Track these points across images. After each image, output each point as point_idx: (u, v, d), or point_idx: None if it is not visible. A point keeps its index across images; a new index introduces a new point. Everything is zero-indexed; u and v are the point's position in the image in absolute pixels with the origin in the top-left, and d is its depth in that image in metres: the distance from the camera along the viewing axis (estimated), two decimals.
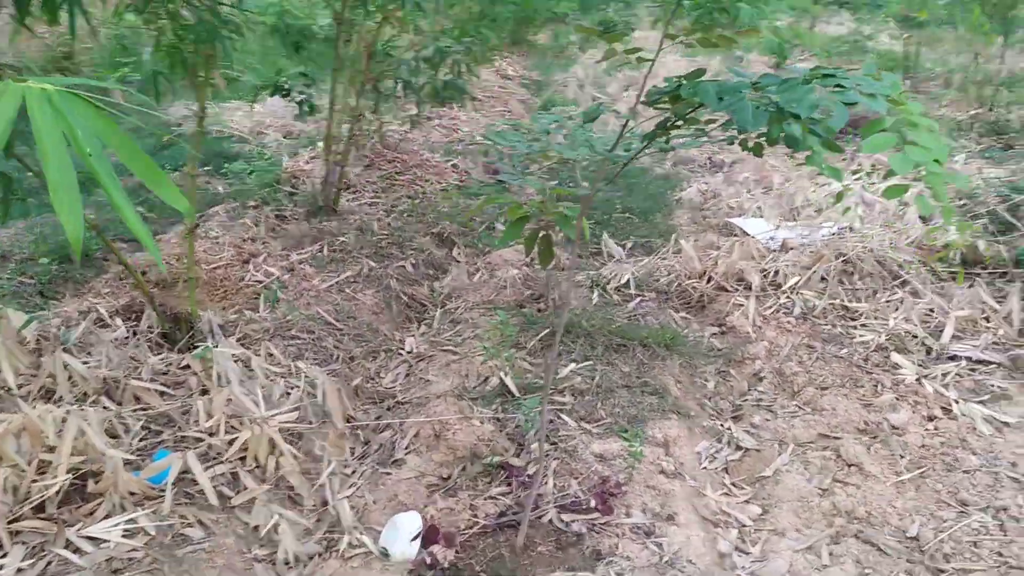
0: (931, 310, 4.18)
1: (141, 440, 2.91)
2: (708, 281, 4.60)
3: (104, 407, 2.96)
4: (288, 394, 3.28)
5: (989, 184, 5.53)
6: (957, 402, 3.40)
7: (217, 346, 3.42)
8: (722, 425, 3.42)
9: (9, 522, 2.40)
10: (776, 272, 4.59)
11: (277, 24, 5.50)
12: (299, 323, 3.93)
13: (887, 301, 4.31)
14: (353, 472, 3.09)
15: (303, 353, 3.72)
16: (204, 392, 3.17)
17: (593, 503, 2.83)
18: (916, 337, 3.97)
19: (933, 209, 1.59)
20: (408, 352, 4.03)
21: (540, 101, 10.17)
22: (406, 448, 3.17)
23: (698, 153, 7.51)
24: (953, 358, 3.83)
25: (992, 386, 3.58)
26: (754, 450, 3.22)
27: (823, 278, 4.51)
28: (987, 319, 4.12)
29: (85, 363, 3.10)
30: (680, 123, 1.90)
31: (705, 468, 3.14)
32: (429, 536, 2.69)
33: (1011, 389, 3.56)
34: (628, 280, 4.66)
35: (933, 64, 13.58)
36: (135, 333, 3.57)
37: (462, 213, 5.65)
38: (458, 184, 6.47)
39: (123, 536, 2.44)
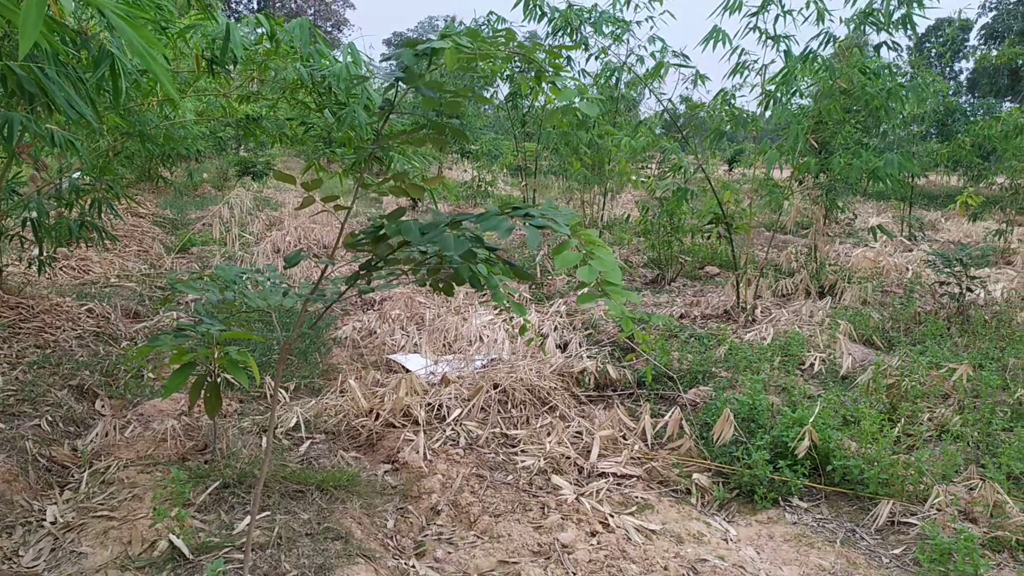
0: (579, 432, 4.61)
1: None
2: (376, 419, 4.66)
3: None
4: None
5: (607, 316, 6.30)
6: (612, 516, 3.75)
7: None
8: (406, 563, 3.43)
9: None
10: (440, 405, 4.79)
11: None
12: None
13: (540, 426, 4.67)
14: None
15: None
16: None
17: None
18: (569, 458, 4.34)
19: (625, 320, 1.81)
20: (52, 523, 3.56)
21: (179, 241, 9.78)
22: None
23: (350, 292, 7.67)
24: (602, 475, 4.24)
25: (637, 498, 4.01)
26: None
27: (483, 408, 4.79)
28: (624, 437, 4.62)
29: None
30: (381, 264, 1.99)
31: None
32: None
33: (651, 499, 4.01)
34: (296, 423, 4.58)
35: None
36: None
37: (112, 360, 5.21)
38: (96, 331, 5.96)
39: None
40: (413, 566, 3.39)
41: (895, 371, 5.33)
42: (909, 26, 6.83)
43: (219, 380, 3.56)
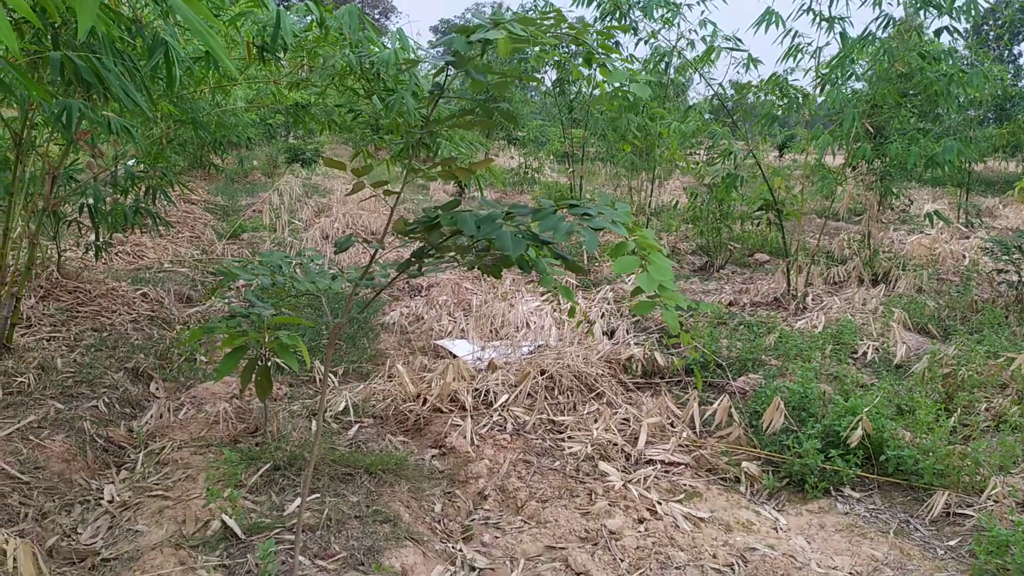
0: (626, 419, 4.59)
1: None
2: (424, 403, 4.69)
3: None
4: None
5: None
6: (660, 503, 3.73)
7: None
8: (454, 547, 3.45)
9: None
10: (487, 391, 4.80)
11: None
12: None
13: (587, 413, 4.66)
14: None
15: None
16: None
17: None
18: (616, 445, 4.32)
19: (673, 323, 1.79)
20: (109, 501, 3.65)
21: (230, 227, 9.93)
22: None
23: (399, 277, 7.74)
24: (649, 462, 4.22)
25: (685, 485, 3.98)
26: (488, 569, 3.28)
27: (530, 394, 4.79)
28: (672, 424, 4.59)
29: None
30: (432, 252, 1.99)
31: None
32: None
33: (699, 486, 3.98)
34: (345, 406, 4.62)
35: (592, 194, 15.16)
36: None
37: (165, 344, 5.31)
38: (150, 315, 6.08)
39: None
40: (460, 550, 3.41)
41: (951, 360, 5.21)
42: (973, 13, 6.63)
43: (270, 364, 3.61)
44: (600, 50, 1.84)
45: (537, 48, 2.01)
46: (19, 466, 3.63)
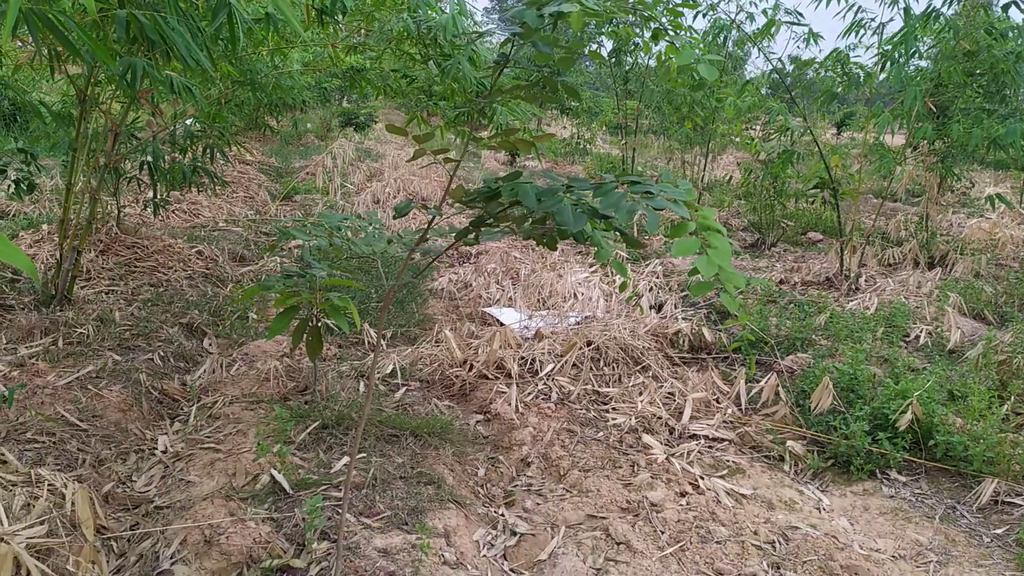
0: (671, 393, 4.58)
1: None
2: (470, 369, 4.73)
3: None
4: (30, 505, 2.94)
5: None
6: (702, 478, 3.74)
7: None
8: (496, 511, 3.50)
9: None
10: (533, 360, 4.83)
11: None
12: (36, 425, 3.54)
13: (632, 385, 4.67)
14: None
15: (43, 458, 3.35)
16: None
17: None
18: (661, 418, 4.33)
19: (731, 302, 1.79)
20: (163, 452, 3.76)
21: (284, 189, 10.04)
22: (172, 557, 2.93)
23: (444, 244, 7.77)
24: (693, 437, 4.22)
25: (728, 461, 3.98)
26: (529, 535, 3.32)
27: (575, 365, 4.80)
28: (718, 400, 4.58)
29: None
30: (491, 221, 2.00)
31: (485, 556, 3.19)
32: None
33: (743, 463, 3.97)
34: (393, 369, 4.69)
35: (644, 167, 15.05)
36: None
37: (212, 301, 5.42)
38: (205, 272, 6.20)
39: None
40: (502, 514, 3.46)
41: (1007, 347, 5.10)
42: None
43: (320, 325, 3.67)
44: (669, 27, 1.82)
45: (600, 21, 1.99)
46: (78, 414, 3.75)
